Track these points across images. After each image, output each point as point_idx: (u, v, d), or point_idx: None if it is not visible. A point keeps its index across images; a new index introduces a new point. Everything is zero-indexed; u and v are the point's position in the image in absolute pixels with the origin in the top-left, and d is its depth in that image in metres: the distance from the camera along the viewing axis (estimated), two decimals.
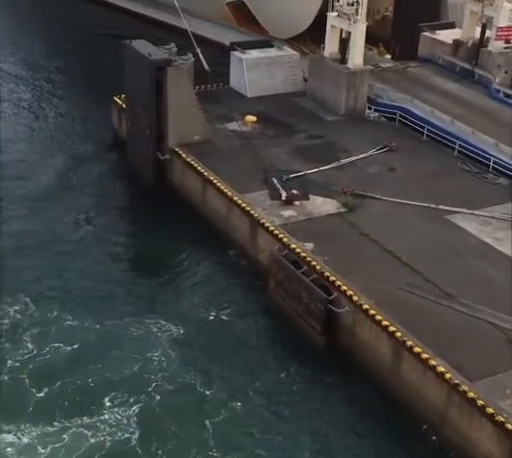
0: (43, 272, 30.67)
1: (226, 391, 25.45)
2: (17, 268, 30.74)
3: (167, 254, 33.11)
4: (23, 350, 26.52)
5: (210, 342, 27.50)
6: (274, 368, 26.59)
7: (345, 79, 40.03)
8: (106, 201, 36.50)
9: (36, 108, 45.78)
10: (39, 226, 34.01)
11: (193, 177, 35.44)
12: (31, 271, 30.50)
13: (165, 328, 27.76)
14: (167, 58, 35.72)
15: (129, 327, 27.80)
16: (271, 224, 30.67)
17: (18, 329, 27.48)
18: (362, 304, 25.69)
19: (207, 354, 26.94)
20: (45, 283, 30.01)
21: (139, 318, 28.26)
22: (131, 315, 28.51)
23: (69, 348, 26.74)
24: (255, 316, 29.11)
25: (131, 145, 38.76)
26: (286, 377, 26.14)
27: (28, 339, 26.94)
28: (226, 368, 26.36)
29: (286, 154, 37.00)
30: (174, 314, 28.67)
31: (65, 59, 51.77)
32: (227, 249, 33.16)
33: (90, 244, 33.12)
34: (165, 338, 27.43)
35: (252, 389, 25.54)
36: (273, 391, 25.54)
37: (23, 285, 29.80)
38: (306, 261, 28.35)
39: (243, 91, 43.12)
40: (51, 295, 29.15)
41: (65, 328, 27.59)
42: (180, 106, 36.23)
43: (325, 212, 31.80)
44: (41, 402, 24.70)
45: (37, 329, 27.44)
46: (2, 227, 33.61)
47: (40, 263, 31.26)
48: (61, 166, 39.27)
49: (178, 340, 27.46)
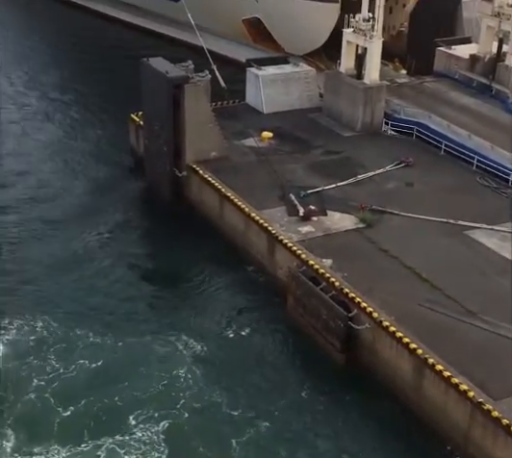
0: (65, 290, 30.69)
1: (250, 409, 25.28)
2: (40, 286, 30.84)
3: (186, 271, 33.10)
4: (48, 368, 26.40)
5: (231, 359, 27.37)
6: (295, 386, 26.41)
7: (361, 94, 40.08)
8: (124, 218, 36.60)
9: (51, 126, 46.08)
10: (59, 246, 34.17)
11: (211, 193, 35.51)
12: (53, 289, 30.55)
13: (186, 345, 27.65)
14: (185, 75, 35.94)
15: (151, 344, 27.70)
16: (289, 240, 30.60)
17: (43, 346, 27.37)
18: (382, 321, 25.46)
19: (229, 372, 26.79)
20: (67, 301, 30.03)
21: (160, 336, 28.16)
22: (153, 332, 28.44)
23: (94, 366, 26.66)
24: (274, 332, 28.93)
25: (148, 162, 38.95)
26: (307, 395, 25.96)
27: (53, 356, 26.87)
28: (248, 385, 26.23)
29: (302, 170, 37.01)
30: (195, 330, 28.58)
31: (81, 76, 52.23)
32: (245, 265, 33.07)
33: (109, 262, 33.14)
34: (187, 355, 27.31)
35: (275, 408, 25.32)
36: (295, 409, 25.33)
37: (46, 303, 29.85)
38: (325, 277, 28.18)
39: (259, 108, 43.29)
40: (73, 313, 29.12)
41: (89, 346, 27.54)
42: (197, 123, 36.43)
43: (343, 227, 31.70)
44: (68, 421, 24.56)
45: (61, 347, 27.38)
46: (23, 247, 33.82)
47: (62, 281, 31.31)
48: (79, 185, 39.54)
49: (200, 357, 27.33)
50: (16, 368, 26.29)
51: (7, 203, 37.34)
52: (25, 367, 26.39)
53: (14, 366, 26.40)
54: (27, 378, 25.98)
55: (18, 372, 26.22)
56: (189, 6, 45.71)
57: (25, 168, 40.92)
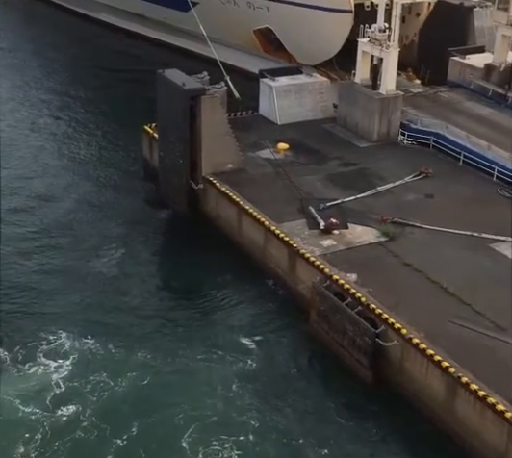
0: (81, 307, 30.18)
1: (279, 427, 24.75)
2: (55, 302, 30.35)
3: (204, 285, 32.57)
4: (93, 392, 25.85)
5: (259, 375, 26.80)
6: (321, 403, 25.80)
7: (377, 105, 39.66)
8: (139, 232, 36.01)
9: (63, 137, 45.58)
10: (71, 259, 33.51)
11: (228, 206, 35.02)
12: (67, 306, 30.05)
13: (215, 363, 27.18)
14: (201, 87, 35.56)
15: (184, 363, 27.20)
16: (311, 254, 30.12)
17: (81, 367, 26.80)
18: (411, 338, 24.93)
19: (258, 388, 26.27)
20: (85, 318, 29.46)
21: (189, 353, 27.65)
22: (182, 349, 27.85)
23: (134, 389, 25.99)
24: (298, 348, 28.44)
25: (163, 175, 38.48)
26: (334, 413, 25.35)
27: (94, 378, 26.27)
28: (274, 404, 25.69)
29: (320, 182, 36.57)
30: (220, 347, 28.08)
31: (94, 88, 51.87)
32: (264, 279, 32.56)
33: (125, 277, 32.55)
34: (217, 373, 26.79)
35: (303, 425, 24.82)
36: (322, 427, 24.77)
37: (61, 320, 29.31)
38: (350, 292, 27.68)
39: (272, 119, 42.89)
40: (95, 332, 28.54)
41: (115, 362, 26.91)
42: (214, 134, 36.03)
43: (366, 241, 31.22)
44: (122, 448, 23.93)
45: (98, 366, 26.81)
46: (36, 258, 33.30)
47: (75, 298, 30.73)
48: (91, 197, 38.97)
49: (232, 374, 26.83)
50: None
51: (21, 218, 36.71)
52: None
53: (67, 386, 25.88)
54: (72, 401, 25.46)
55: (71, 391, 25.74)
56: (198, 16, 45.56)
57: (35, 181, 40.37)
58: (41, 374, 26.32)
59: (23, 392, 25.58)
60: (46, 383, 26.02)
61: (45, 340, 27.97)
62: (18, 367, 26.74)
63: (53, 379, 26.16)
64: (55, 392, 25.76)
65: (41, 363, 26.82)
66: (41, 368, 26.56)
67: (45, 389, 25.80)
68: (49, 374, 26.35)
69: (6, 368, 26.58)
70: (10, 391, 25.59)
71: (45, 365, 26.74)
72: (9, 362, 26.89)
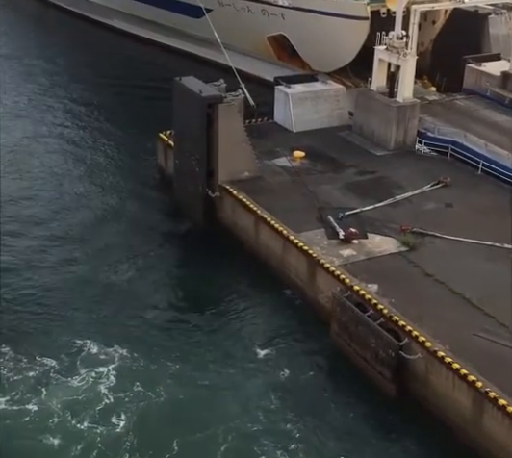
0: (99, 319, 29.84)
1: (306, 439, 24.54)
2: (75, 314, 30.08)
3: (221, 295, 32.23)
4: (130, 403, 25.62)
5: (282, 387, 26.48)
6: (344, 416, 25.43)
7: (394, 113, 39.33)
8: (154, 240, 35.69)
9: (76, 144, 45.24)
10: (86, 270, 33.12)
11: (245, 215, 34.71)
12: (88, 318, 29.81)
13: (237, 375, 26.88)
14: (219, 94, 35.31)
15: (209, 375, 26.95)
16: (331, 264, 29.82)
17: (113, 379, 26.49)
18: (436, 351, 24.56)
19: (282, 401, 25.97)
20: (105, 327, 29.21)
21: (210, 364, 27.43)
22: (203, 360, 27.60)
23: (169, 401, 25.73)
24: (318, 360, 28.09)
25: (179, 182, 38.19)
26: (357, 426, 24.99)
27: (129, 389, 26.01)
28: (302, 418, 25.34)
29: (338, 190, 36.22)
30: (240, 359, 27.75)
31: (107, 95, 51.61)
32: (282, 289, 32.21)
33: (141, 287, 32.17)
34: (241, 385, 26.50)
35: (325, 438, 24.48)
36: (345, 441, 24.42)
37: (83, 329, 29.11)
38: (372, 303, 27.34)
39: (288, 126, 42.61)
40: (119, 343, 28.16)
41: (154, 379, 26.56)
42: (230, 142, 35.74)
43: (386, 251, 30.85)
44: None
45: (131, 378, 26.50)
46: (52, 270, 32.98)
47: (94, 309, 30.44)
48: (105, 206, 38.63)
49: (253, 386, 26.56)
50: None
51: (37, 223, 36.55)
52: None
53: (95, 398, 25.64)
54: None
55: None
56: (212, 22, 45.33)
57: (48, 189, 40.13)
58: (77, 386, 26.05)
59: (66, 403, 25.35)
60: (83, 394, 25.78)
61: (73, 351, 27.71)
62: (57, 378, 26.44)
63: (90, 391, 25.89)
64: (91, 403, 25.46)
65: (75, 374, 26.56)
66: (78, 380, 26.29)
67: (83, 401, 25.53)
68: (85, 386, 26.05)
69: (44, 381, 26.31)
70: (54, 402, 25.41)
71: (80, 376, 26.48)
72: (47, 374, 26.61)
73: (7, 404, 25.25)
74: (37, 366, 26.92)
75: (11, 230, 35.90)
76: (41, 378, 26.49)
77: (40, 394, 25.75)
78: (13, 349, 27.68)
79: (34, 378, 26.44)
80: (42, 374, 26.60)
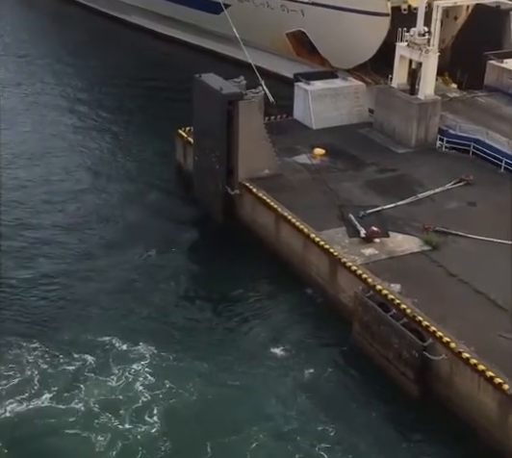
0: (119, 316, 29.80)
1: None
2: (98, 310, 30.08)
3: (241, 293, 31.96)
4: (163, 400, 25.56)
5: (303, 387, 26.34)
6: (366, 416, 25.24)
7: (415, 110, 38.94)
8: (173, 238, 35.52)
9: (94, 141, 45.23)
10: (105, 267, 33.06)
11: (265, 212, 34.48)
12: (109, 315, 29.76)
13: (261, 374, 26.77)
14: (239, 91, 35.10)
15: (235, 374, 26.85)
16: (353, 263, 29.57)
17: (142, 377, 26.46)
18: (461, 352, 24.30)
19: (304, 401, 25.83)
20: (126, 324, 29.19)
21: (234, 364, 27.28)
22: (230, 360, 27.45)
23: (194, 403, 25.64)
24: (340, 359, 27.93)
25: (198, 180, 38.05)
26: (380, 427, 24.79)
27: (161, 387, 25.98)
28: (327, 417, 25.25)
29: (358, 188, 35.92)
30: (261, 358, 27.64)
31: (126, 91, 51.42)
32: (303, 287, 32.00)
33: (160, 285, 32.09)
34: (266, 387, 26.37)
35: (349, 440, 24.29)
36: (369, 443, 24.19)
37: (106, 326, 29.10)
38: (394, 303, 27.06)
39: (307, 123, 42.34)
40: (142, 340, 28.13)
41: (182, 377, 26.44)
42: (251, 139, 35.51)
43: (408, 250, 30.54)
44: None
45: (161, 376, 26.45)
46: (74, 268, 32.98)
47: (115, 307, 30.42)
48: (124, 202, 38.58)
49: (274, 385, 26.43)
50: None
51: (60, 223, 36.51)
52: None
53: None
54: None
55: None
56: (230, 18, 45.08)
57: (70, 185, 40.28)
58: (111, 384, 26.05)
59: (101, 401, 25.37)
60: (117, 392, 25.78)
61: (100, 348, 27.69)
62: (89, 375, 26.49)
63: (124, 388, 25.90)
64: (125, 401, 25.44)
65: (108, 372, 26.51)
66: (111, 378, 26.27)
67: (117, 398, 25.52)
68: (118, 384, 26.03)
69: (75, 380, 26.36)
70: (90, 399, 25.47)
71: (113, 374, 26.44)
72: (80, 371, 26.66)
73: (45, 401, 25.29)
74: (68, 363, 26.93)
75: (30, 223, 36.01)
76: (75, 375, 26.50)
77: (77, 392, 25.73)
78: (42, 345, 27.67)
79: (66, 375, 26.43)
80: (75, 371, 26.62)
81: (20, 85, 53.31)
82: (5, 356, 27.09)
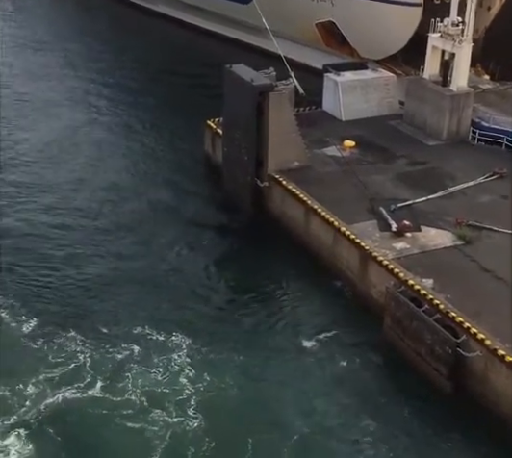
0: (153, 307, 29.76)
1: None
2: (132, 302, 30.09)
3: (270, 285, 31.90)
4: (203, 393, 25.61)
5: (334, 382, 26.25)
6: (399, 412, 24.99)
7: (448, 102, 38.39)
8: (201, 230, 35.48)
9: (122, 132, 45.16)
10: (137, 259, 32.95)
11: (295, 205, 34.25)
12: (142, 306, 29.76)
13: (296, 370, 26.59)
14: (270, 83, 34.83)
15: (268, 368, 26.79)
16: (385, 258, 29.25)
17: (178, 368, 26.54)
18: (496, 349, 23.96)
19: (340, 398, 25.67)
20: (154, 315, 29.18)
21: (268, 357, 27.21)
22: (263, 353, 27.38)
23: (233, 397, 25.65)
24: (371, 353, 27.68)
25: (227, 171, 37.90)
26: (412, 423, 24.55)
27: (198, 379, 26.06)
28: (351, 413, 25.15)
29: (389, 181, 35.52)
30: (292, 352, 27.54)
31: (153, 82, 51.30)
32: (332, 280, 31.76)
33: (188, 277, 32.03)
34: (299, 381, 26.23)
35: (382, 435, 24.14)
36: (402, 439, 23.99)
37: (141, 316, 29.14)
38: (427, 298, 26.75)
39: (336, 115, 41.93)
40: (179, 332, 28.13)
41: (221, 370, 26.51)
42: (281, 131, 35.24)
43: (441, 244, 30.17)
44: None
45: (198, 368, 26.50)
46: (105, 260, 33.01)
47: (146, 299, 30.44)
48: (152, 193, 38.47)
49: (307, 378, 26.30)
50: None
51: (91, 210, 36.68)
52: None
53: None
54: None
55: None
56: (259, 8, 44.62)
57: (99, 175, 40.25)
58: (152, 375, 26.11)
59: (144, 392, 25.48)
60: (159, 384, 25.85)
61: (138, 339, 27.80)
62: (131, 366, 26.56)
63: (165, 380, 25.96)
64: (168, 392, 25.48)
65: (149, 362, 26.53)
66: (152, 369, 26.34)
67: (159, 390, 25.60)
68: (159, 376, 26.12)
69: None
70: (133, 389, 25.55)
71: (154, 365, 26.52)
72: (122, 361, 26.75)
73: (90, 392, 25.45)
74: (108, 353, 27.03)
75: (61, 223, 35.87)
76: (117, 365, 26.58)
77: (121, 382, 25.81)
78: (81, 335, 27.83)
79: (107, 365, 26.53)
80: (116, 361, 26.70)
81: (46, 72, 53.27)
82: (49, 345, 27.26)
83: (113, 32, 61.09)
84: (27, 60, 55.66)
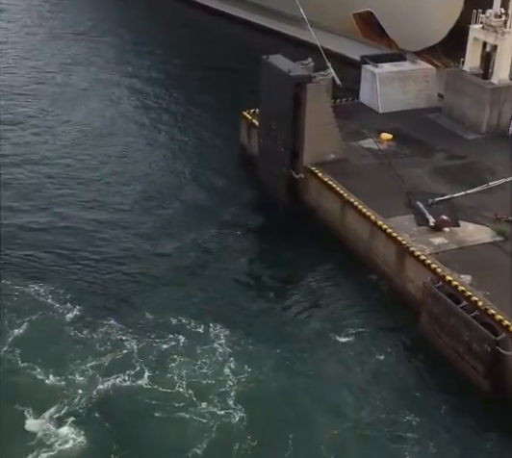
0: (181, 299, 29.81)
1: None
2: (165, 294, 30.16)
3: (305, 277, 31.74)
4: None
5: (372, 378, 26.15)
6: (434, 410, 24.78)
7: (488, 95, 37.73)
8: (236, 220, 35.32)
9: (159, 123, 44.92)
10: (171, 246, 33.09)
11: (331, 197, 33.99)
12: (176, 298, 29.81)
13: (333, 365, 26.57)
14: (307, 74, 34.48)
15: (305, 362, 26.69)
16: (422, 253, 28.90)
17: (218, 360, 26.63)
18: None
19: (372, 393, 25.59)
20: (186, 309, 29.13)
21: (304, 350, 27.16)
22: (299, 347, 27.33)
23: (268, 390, 25.65)
24: (407, 349, 27.54)
25: (263, 162, 37.64)
26: (449, 421, 24.36)
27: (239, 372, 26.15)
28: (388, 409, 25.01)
29: (427, 175, 35.05)
30: (329, 346, 27.48)
31: (189, 73, 50.91)
32: (368, 274, 31.51)
33: (222, 266, 32.01)
34: (336, 375, 26.21)
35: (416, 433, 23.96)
36: (437, 437, 23.82)
37: (175, 304, 29.30)
38: (465, 295, 26.41)
39: (374, 107, 41.40)
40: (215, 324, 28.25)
41: (258, 363, 26.51)
42: (318, 123, 34.92)
43: (479, 240, 29.75)
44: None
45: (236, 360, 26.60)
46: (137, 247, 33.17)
47: (177, 291, 30.43)
48: (188, 183, 38.46)
49: (344, 375, 26.27)
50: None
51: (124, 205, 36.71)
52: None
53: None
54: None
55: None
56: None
57: (136, 166, 40.18)
58: (195, 367, 26.20)
59: (188, 383, 25.60)
60: (202, 375, 25.92)
61: (177, 329, 27.92)
62: (174, 357, 26.64)
63: (208, 372, 26.02)
64: (211, 384, 25.61)
65: (191, 354, 26.65)
66: (194, 361, 26.42)
67: (203, 382, 25.71)
68: (202, 368, 26.18)
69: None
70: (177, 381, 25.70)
71: (196, 356, 26.60)
72: (165, 352, 26.92)
73: (137, 380, 25.66)
74: (150, 343, 27.18)
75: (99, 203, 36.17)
76: (159, 355, 26.73)
77: (165, 372, 25.96)
78: (123, 324, 28.06)
79: (149, 355, 26.71)
80: (160, 351, 26.86)
81: (83, 63, 53.27)
82: (93, 334, 27.59)
83: (147, 23, 60.76)
84: (61, 51, 55.75)
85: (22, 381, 25.62)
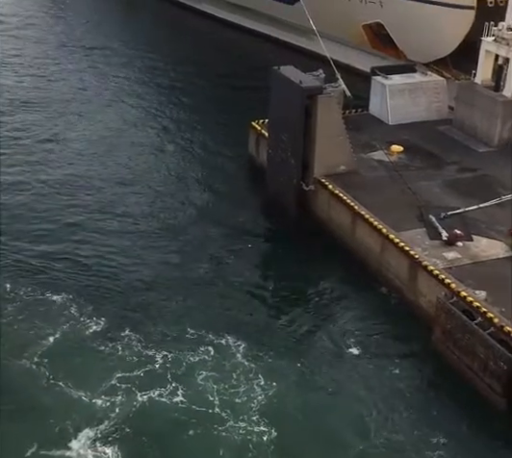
0: (188, 310, 29.54)
1: None
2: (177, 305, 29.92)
3: (314, 290, 31.19)
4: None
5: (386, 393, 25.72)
6: (448, 429, 24.19)
7: (500, 108, 37.38)
8: (244, 232, 34.87)
9: (165, 132, 44.74)
10: (176, 262, 32.65)
11: (341, 210, 33.56)
12: (186, 308, 29.59)
13: (346, 380, 26.22)
14: (319, 85, 34.17)
15: (320, 377, 26.37)
16: (435, 267, 28.49)
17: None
18: None
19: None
20: (194, 314, 29.03)
21: (317, 364, 26.84)
22: (313, 360, 27.01)
23: (291, 406, 25.26)
24: (420, 365, 26.92)
25: (272, 173, 37.26)
26: (472, 441, 23.84)
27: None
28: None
29: (438, 188, 34.63)
30: (343, 360, 27.11)
31: (197, 83, 50.77)
32: (379, 288, 30.97)
33: (230, 281, 31.54)
34: (349, 391, 25.84)
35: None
36: None
37: (187, 316, 29.06)
38: (480, 311, 25.94)
39: (383, 118, 41.13)
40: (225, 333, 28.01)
41: (269, 375, 26.22)
42: (328, 135, 34.57)
43: (494, 255, 29.28)
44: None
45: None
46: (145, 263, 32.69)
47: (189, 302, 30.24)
48: (195, 192, 38.12)
49: (364, 392, 25.79)
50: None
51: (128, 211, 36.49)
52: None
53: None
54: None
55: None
56: (306, 9, 43.98)
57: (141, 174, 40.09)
58: (214, 379, 25.97)
59: (208, 395, 25.35)
60: (222, 388, 25.69)
61: (193, 340, 27.69)
62: (194, 369, 26.45)
63: (230, 386, 25.74)
64: (231, 399, 25.29)
65: (210, 366, 26.45)
66: (214, 373, 26.21)
67: (224, 395, 25.42)
68: (221, 381, 25.95)
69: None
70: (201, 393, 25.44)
71: (214, 368, 26.40)
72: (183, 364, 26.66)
73: (158, 395, 25.33)
74: (174, 357, 26.81)
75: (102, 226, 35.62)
76: (184, 370, 26.39)
77: (189, 386, 25.70)
78: (143, 337, 27.76)
79: (167, 369, 26.43)
80: (185, 367, 26.50)
81: (94, 70, 53.38)
82: (115, 347, 27.22)
83: (156, 30, 60.88)
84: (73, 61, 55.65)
85: (53, 397, 25.14)
